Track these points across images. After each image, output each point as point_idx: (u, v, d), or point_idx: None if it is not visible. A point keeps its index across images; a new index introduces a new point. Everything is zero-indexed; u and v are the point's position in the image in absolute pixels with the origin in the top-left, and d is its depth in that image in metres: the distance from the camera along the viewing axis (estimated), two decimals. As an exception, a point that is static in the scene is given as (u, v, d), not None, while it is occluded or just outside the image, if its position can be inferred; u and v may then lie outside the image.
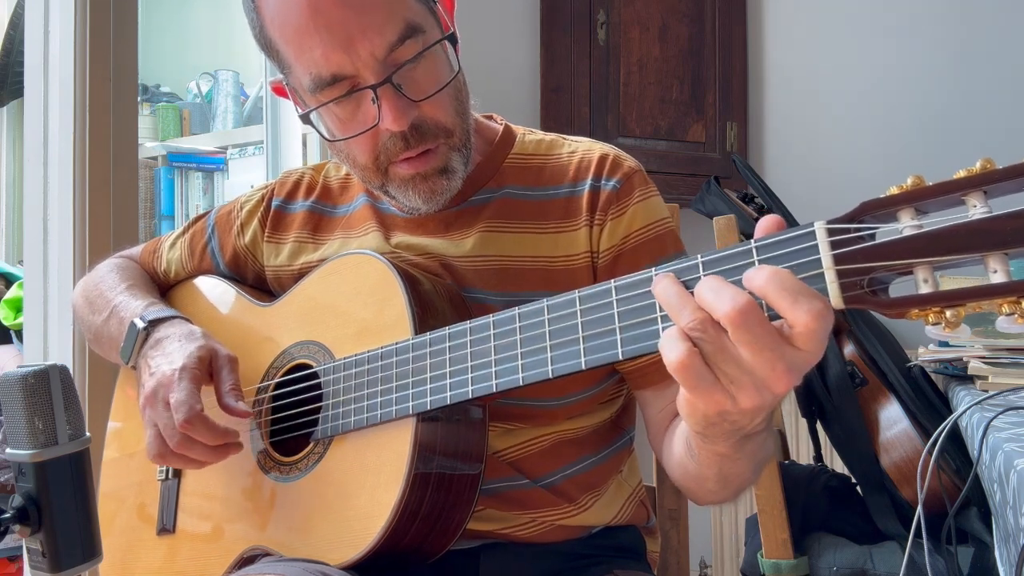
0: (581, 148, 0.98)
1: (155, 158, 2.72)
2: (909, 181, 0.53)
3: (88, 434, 0.75)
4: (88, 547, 0.74)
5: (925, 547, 1.23)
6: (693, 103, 2.60)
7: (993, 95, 2.50)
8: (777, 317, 0.55)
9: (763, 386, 0.56)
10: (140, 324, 0.96)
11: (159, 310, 0.98)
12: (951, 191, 0.52)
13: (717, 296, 0.56)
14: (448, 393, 0.77)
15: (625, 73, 2.53)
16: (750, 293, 0.56)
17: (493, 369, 0.74)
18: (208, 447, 0.85)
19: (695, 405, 0.60)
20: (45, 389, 0.72)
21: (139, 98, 2.25)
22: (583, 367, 0.68)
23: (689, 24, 2.61)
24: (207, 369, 0.89)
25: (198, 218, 1.14)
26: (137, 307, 1.00)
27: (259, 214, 1.06)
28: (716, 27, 2.63)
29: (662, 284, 0.60)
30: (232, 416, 0.86)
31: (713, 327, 0.56)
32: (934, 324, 0.52)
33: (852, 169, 2.53)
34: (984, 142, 2.43)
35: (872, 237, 0.54)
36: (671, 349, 0.58)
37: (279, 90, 0.93)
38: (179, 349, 0.90)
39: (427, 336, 0.80)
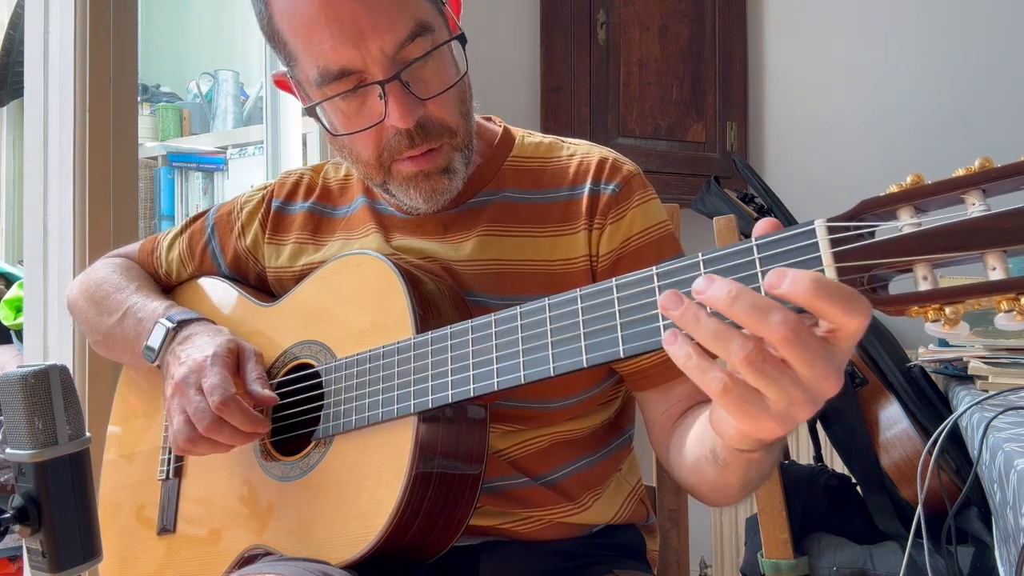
0: (580, 151, 0.98)
1: (155, 158, 2.72)
2: (908, 179, 0.53)
3: (88, 434, 0.75)
4: (88, 547, 0.74)
5: (925, 547, 1.23)
6: (693, 103, 2.60)
7: (993, 95, 2.50)
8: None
9: (818, 396, 0.55)
10: (169, 324, 0.96)
11: (183, 311, 0.99)
12: (950, 189, 0.52)
13: (765, 317, 0.52)
14: (449, 392, 0.77)
15: (625, 73, 2.52)
16: (776, 300, 0.53)
17: (495, 367, 0.74)
18: (235, 432, 0.85)
19: (746, 433, 0.59)
20: (45, 389, 0.72)
21: (139, 98, 2.25)
22: (585, 365, 0.68)
23: (689, 24, 2.61)
24: (235, 360, 0.90)
25: (195, 217, 1.14)
26: (157, 308, 1.01)
27: (259, 215, 1.06)
28: (716, 27, 2.63)
29: (691, 315, 0.55)
30: (259, 402, 0.87)
31: (765, 352, 0.53)
32: (933, 321, 0.52)
33: (852, 169, 2.53)
34: (984, 143, 2.43)
35: (872, 235, 0.54)
36: (706, 375, 0.55)
37: (281, 83, 0.93)
38: (209, 341, 0.91)
39: (428, 335, 0.80)
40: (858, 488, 1.65)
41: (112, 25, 1.50)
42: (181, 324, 0.96)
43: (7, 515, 0.71)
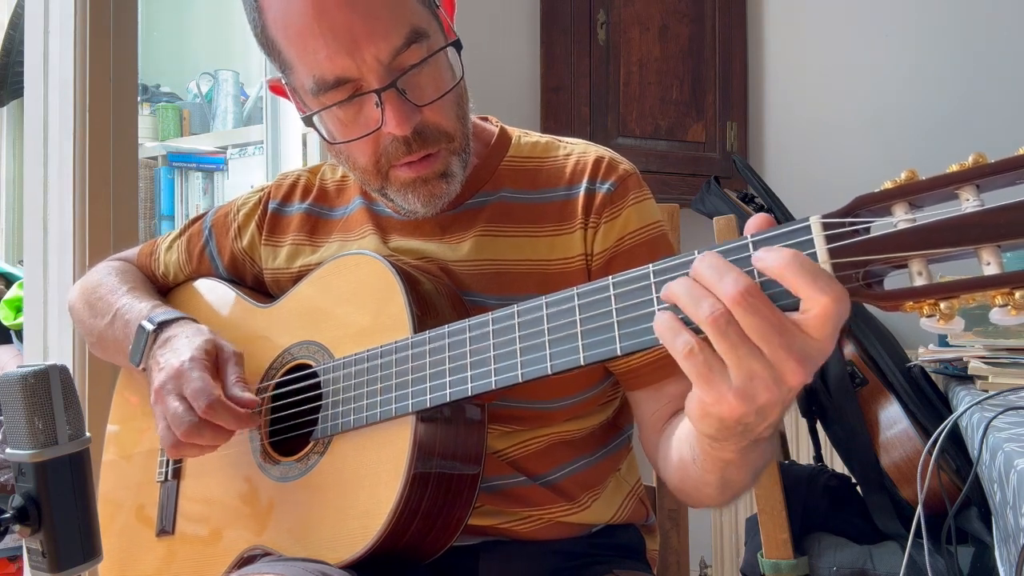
0: (577, 151, 0.98)
1: (155, 158, 2.72)
2: (903, 175, 0.54)
3: (88, 434, 0.75)
4: (88, 547, 0.74)
5: (925, 547, 1.23)
6: (693, 103, 2.60)
7: (994, 95, 2.50)
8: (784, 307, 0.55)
9: (780, 379, 0.56)
10: (149, 327, 0.96)
11: (165, 312, 0.99)
12: (944, 185, 0.52)
13: (721, 277, 0.55)
14: (448, 391, 0.77)
15: (625, 73, 2.52)
16: (758, 273, 0.56)
17: (492, 367, 0.74)
18: (218, 432, 0.85)
19: (708, 406, 0.59)
20: (45, 389, 0.72)
21: (139, 98, 2.25)
22: (582, 363, 0.68)
23: (689, 24, 2.61)
24: (214, 362, 0.89)
25: (194, 220, 1.14)
26: (143, 309, 1.00)
27: (256, 217, 1.06)
28: (716, 27, 2.63)
29: (676, 283, 0.59)
30: (240, 406, 0.86)
31: (731, 316, 0.55)
32: (928, 316, 0.53)
33: (852, 169, 2.53)
34: (984, 143, 2.41)
35: (867, 231, 0.55)
36: (677, 338, 0.57)
37: (277, 88, 0.93)
38: (186, 344, 0.90)
39: (426, 335, 0.80)
40: (858, 488, 1.65)
41: (112, 25, 1.50)
42: (161, 325, 0.96)
43: (7, 515, 0.71)
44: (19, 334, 2.17)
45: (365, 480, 0.83)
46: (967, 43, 2.54)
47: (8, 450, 0.73)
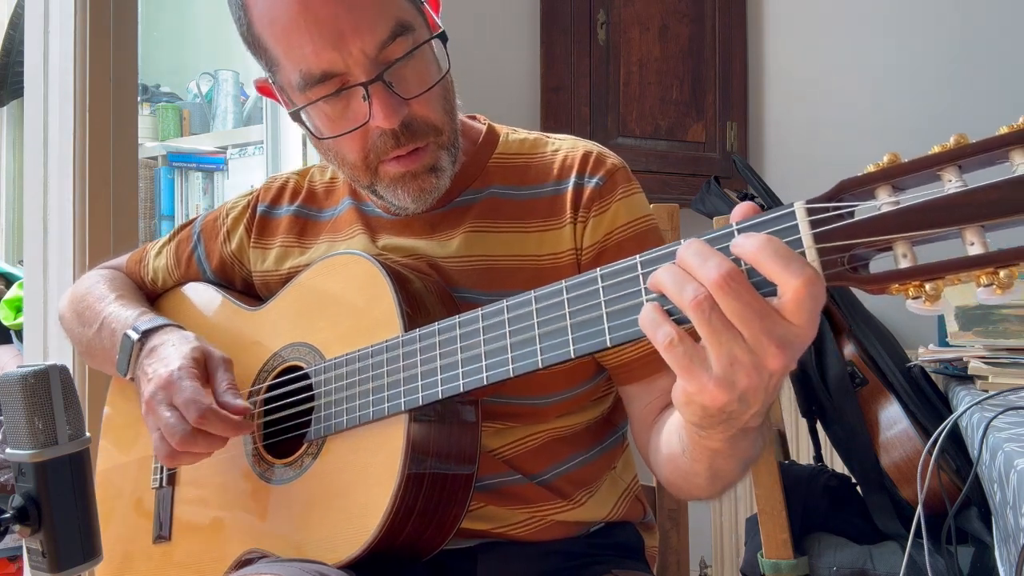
0: (565, 146, 0.98)
1: (155, 158, 2.72)
2: (885, 159, 0.54)
3: (88, 434, 0.75)
4: (88, 547, 0.74)
5: (925, 547, 1.23)
6: (693, 103, 2.60)
7: (993, 95, 2.50)
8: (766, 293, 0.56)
9: (761, 365, 0.56)
10: (134, 336, 0.95)
11: (150, 319, 0.98)
12: (926, 167, 0.52)
13: (704, 262, 0.56)
14: (439, 388, 0.77)
15: (625, 73, 2.53)
16: (737, 260, 0.56)
17: (483, 363, 0.74)
18: (212, 439, 0.85)
19: (691, 395, 0.60)
20: (45, 389, 0.72)
21: (139, 98, 2.25)
22: (572, 356, 0.68)
23: (689, 24, 2.61)
24: (203, 369, 0.89)
25: (184, 226, 1.14)
26: (128, 317, 1.00)
27: (245, 220, 1.06)
28: (716, 27, 2.63)
29: (658, 272, 0.59)
30: (232, 413, 0.86)
31: (714, 301, 0.56)
32: (914, 298, 0.53)
33: (852, 170, 2.51)
34: (984, 142, 2.43)
35: (851, 215, 0.55)
36: (658, 330, 0.58)
37: (263, 89, 0.93)
38: (174, 353, 0.90)
39: (416, 332, 0.80)
40: (858, 488, 1.65)
41: (112, 25, 1.51)
42: (146, 334, 0.95)
43: (7, 515, 0.71)
44: (19, 334, 2.17)
45: (360, 480, 0.83)
46: (969, 43, 2.54)
47: (8, 450, 0.73)
